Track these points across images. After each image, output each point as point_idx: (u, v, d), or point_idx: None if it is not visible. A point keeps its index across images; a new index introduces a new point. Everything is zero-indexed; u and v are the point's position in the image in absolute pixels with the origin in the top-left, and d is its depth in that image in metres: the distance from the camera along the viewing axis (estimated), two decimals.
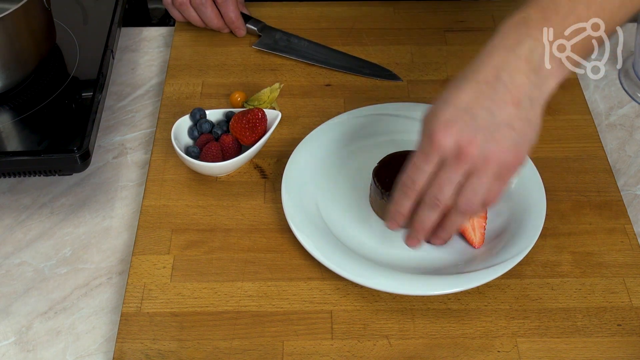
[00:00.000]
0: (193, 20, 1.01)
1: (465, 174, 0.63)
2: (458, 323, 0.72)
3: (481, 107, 0.61)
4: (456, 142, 0.62)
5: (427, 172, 0.64)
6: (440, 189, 0.64)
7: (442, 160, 0.63)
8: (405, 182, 0.66)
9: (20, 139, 0.82)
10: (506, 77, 0.61)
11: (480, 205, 0.65)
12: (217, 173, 0.84)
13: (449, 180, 0.64)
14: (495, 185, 0.64)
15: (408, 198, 0.67)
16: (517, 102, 0.61)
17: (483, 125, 0.61)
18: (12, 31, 0.80)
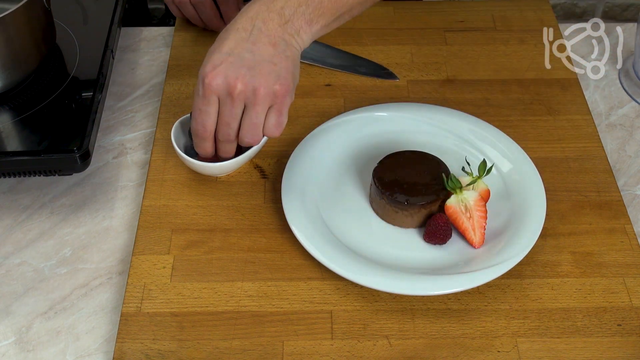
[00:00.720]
0: (191, 18, 1.01)
1: (243, 107, 0.72)
2: (458, 323, 0.72)
3: (243, 49, 0.70)
4: (225, 80, 0.70)
5: (211, 113, 0.72)
6: (228, 125, 0.73)
7: (220, 100, 0.72)
8: (197, 129, 0.74)
9: (20, 139, 0.82)
10: (260, 24, 0.71)
11: (261, 135, 0.74)
12: (217, 173, 0.84)
13: (231, 115, 0.72)
14: (272, 116, 0.73)
15: (206, 140, 0.76)
16: (274, 43, 0.71)
17: (246, 64, 0.70)
18: (12, 31, 0.80)
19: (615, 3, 1.83)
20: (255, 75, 0.70)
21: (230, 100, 0.71)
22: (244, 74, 0.70)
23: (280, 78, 0.71)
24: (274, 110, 0.72)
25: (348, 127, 0.87)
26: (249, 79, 0.70)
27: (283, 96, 0.71)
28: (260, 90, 0.70)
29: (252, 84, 0.70)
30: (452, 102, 0.93)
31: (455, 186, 0.76)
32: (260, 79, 0.70)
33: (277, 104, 0.72)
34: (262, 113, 0.72)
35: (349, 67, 0.97)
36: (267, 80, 0.70)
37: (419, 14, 1.06)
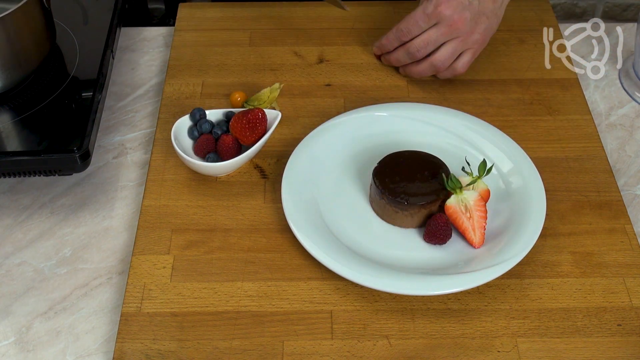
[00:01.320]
0: None
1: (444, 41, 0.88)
2: (458, 323, 0.72)
3: None
4: (452, 14, 0.85)
5: (422, 28, 0.88)
6: (425, 44, 0.88)
7: (436, 24, 0.87)
8: (402, 29, 0.89)
9: (20, 139, 0.82)
10: None
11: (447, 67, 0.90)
12: (217, 173, 0.84)
13: (435, 40, 0.88)
14: (467, 54, 0.90)
15: (398, 41, 0.91)
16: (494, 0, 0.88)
17: (472, 9, 0.86)
18: (12, 31, 0.80)
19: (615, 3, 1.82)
20: (472, 21, 0.86)
21: (444, 28, 0.86)
22: (467, 16, 0.86)
23: (485, 32, 0.89)
24: (469, 52, 0.90)
25: (348, 127, 0.87)
26: (467, 22, 0.86)
27: (479, 45, 0.90)
28: (470, 34, 0.87)
29: (468, 27, 0.86)
30: (452, 102, 0.93)
31: (455, 186, 0.76)
32: (474, 26, 0.87)
33: (473, 49, 0.90)
34: (459, 50, 0.89)
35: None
36: (478, 29, 0.87)
37: None
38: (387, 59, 0.95)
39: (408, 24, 0.88)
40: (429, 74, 0.92)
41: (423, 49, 0.88)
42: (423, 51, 0.89)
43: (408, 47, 0.89)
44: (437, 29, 0.87)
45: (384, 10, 1.07)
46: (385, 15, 1.06)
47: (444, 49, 0.88)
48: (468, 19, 0.86)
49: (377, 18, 1.05)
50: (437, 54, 0.89)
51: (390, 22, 1.04)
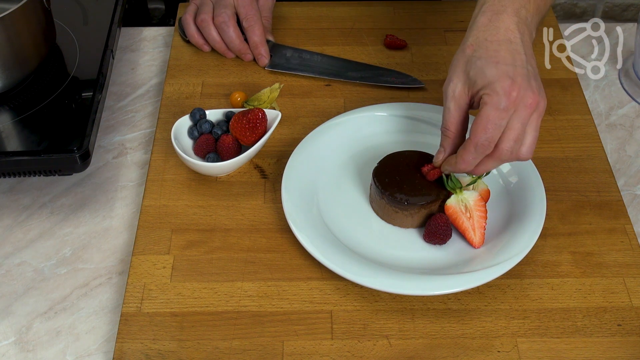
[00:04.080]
0: (212, 40, 0.96)
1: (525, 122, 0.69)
2: (458, 323, 0.72)
3: (520, 61, 0.70)
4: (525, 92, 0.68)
5: (502, 127, 0.69)
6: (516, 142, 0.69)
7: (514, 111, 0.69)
8: (482, 143, 0.70)
9: (20, 139, 0.82)
10: (525, 37, 0.72)
11: None
12: (217, 173, 0.84)
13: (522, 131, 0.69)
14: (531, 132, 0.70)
15: (483, 155, 0.71)
16: (529, 53, 0.72)
17: (532, 74, 0.70)
18: (12, 31, 0.80)
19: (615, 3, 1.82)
20: (536, 89, 0.69)
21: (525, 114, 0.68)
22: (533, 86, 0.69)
23: (540, 90, 0.70)
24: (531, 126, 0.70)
25: (348, 127, 0.87)
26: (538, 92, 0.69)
27: (543, 108, 0.70)
28: (542, 103, 0.70)
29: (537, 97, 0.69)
30: None
31: (455, 186, 0.76)
32: (537, 93, 0.69)
33: (536, 118, 0.70)
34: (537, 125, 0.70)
35: (371, 78, 0.95)
36: (542, 94, 0.70)
37: (419, 14, 1.06)
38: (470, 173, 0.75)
39: (487, 132, 0.69)
40: None
41: (515, 148, 0.70)
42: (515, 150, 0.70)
43: (500, 155, 0.70)
44: (518, 117, 0.69)
45: (384, 10, 1.07)
46: (385, 15, 1.06)
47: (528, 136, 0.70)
48: (535, 88, 0.69)
49: (377, 18, 1.05)
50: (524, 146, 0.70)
51: (390, 22, 1.05)
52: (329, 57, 0.98)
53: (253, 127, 0.82)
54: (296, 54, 0.98)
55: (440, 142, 0.75)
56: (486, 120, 0.69)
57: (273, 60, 0.98)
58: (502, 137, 0.69)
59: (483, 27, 0.73)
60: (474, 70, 0.70)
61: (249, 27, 0.96)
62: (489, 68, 0.69)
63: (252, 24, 0.95)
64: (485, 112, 0.69)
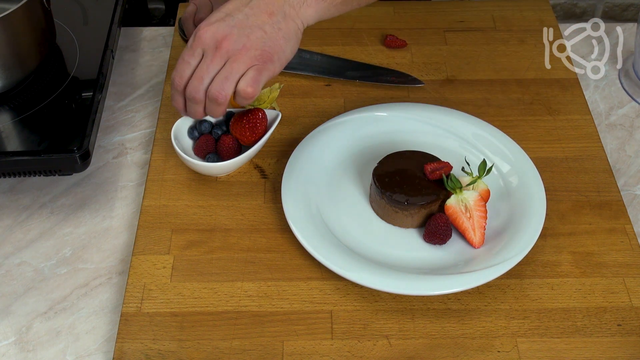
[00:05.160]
0: None
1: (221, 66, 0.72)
2: (458, 323, 0.72)
3: (240, 12, 0.73)
4: (214, 35, 0.72)
5: (192, 65, 0.73)
6: (200, 80, 0.73)
7: (204, 53, 0.72)
8: (174, 78, 0.74)
9: (20, 139, 0.82)
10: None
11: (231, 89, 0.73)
12: (217, 173, 0.84)
13: (207, 69, 0.72)
14: (250, 72, 0.72)
15: (179, 93, 0.75)
16: (271, 12, 0.73)
17: (239, 25, 0.72)
18: (12, 31, 0.80)
19: (615, 3, 1.82)
20: (243, 36, 0.72)
21: (211, 54, 0.72)
22: (234, 33, 0.72)
23: (265, 45, 0.72)
24: (253, 69, 0.72)
25: (348, 127, 0.87)
26: (236, 38, 0.72)
27: (264, 61, 0.72)
28: (243, 50, 0.72)
29: (238, 44, 0.72)
30: (452, 102, 0.93)
31: (455, 186, 0.76)
32: (246, 41, 0.72)
33: (257, 66, 0.72)
34: (237, 71, 0.72)
35: (371, 77, 0.95)
36: (252, 43, 0.72)
37: (419, 14, 1.06)
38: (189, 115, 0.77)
39: (178, 68, 0.74)
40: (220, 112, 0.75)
41: (200, 85, 0.73)
42: (201, 87, 0.73)
43: (187, 93, 0.74)
44: (206, 59, 0.72)
45: (384, 10, 1.07)
46: (385, 15, 1.06)
47: (219, 74, 0.72)
48: (234, 35, 0.72)
49: (377, 18, 1.05)
50: (211, 86, 0.73)
51: (390, 22, 1.05)
52: (329, 56, 0.98)
53: (253, 127, 0.82)
54: (296, 54, 0.98)
55: None
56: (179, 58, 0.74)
57: None
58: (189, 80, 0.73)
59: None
60: None
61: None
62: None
63: None
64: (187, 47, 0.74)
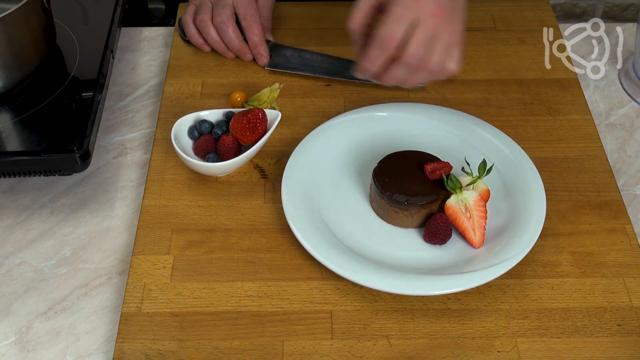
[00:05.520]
0: (211, 40, 0.96)
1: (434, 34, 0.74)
2: (458, 323, 0.72)
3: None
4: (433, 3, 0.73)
5: (403, 31, 0.73)
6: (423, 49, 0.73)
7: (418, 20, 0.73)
8: (383, 37, 0.73)
9: (20, 139, 0.82)
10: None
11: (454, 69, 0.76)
12: (217, 173, 0.84)
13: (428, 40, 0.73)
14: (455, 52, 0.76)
15: (384, 54, 0.75)
16: None
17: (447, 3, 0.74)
18: (12, 31, 0.80)
19: (615, 3, 1.83)
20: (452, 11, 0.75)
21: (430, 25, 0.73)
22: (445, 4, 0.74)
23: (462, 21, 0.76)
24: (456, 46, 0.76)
25: (348, 127, 0.87)
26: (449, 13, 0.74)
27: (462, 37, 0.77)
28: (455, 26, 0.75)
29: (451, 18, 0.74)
30: (452, 102, 0.93)
31: (455, 186, 0.76)
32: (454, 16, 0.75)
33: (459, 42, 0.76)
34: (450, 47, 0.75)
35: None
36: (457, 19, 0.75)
37: None
38: (383, 80, 0.78)
39: (387, 25, 0.73)
40: (424, 83, 0.81)
41: (422, 55, 0.74)
42: (422, 57, 0.74)
43: (406, 59, 0.74)
44: (424, 26, 0.73)
45: None
46: None
47: (438, 49, 0.74)
48: (447, 7, 0.74)
49: None
50: (434, 58, 0.74)
51: None
52: (329, 57, 0.98)
53: (253, 127, 0.82)
54: (296, 54, 0.98)
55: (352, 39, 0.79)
56: (389, 16, 0.73)
57: (273, 59, 0.98)
58: (408, 42, 0.73)
59: None
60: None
61: (248, 27, 0.96)
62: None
63: (250, 24, 0.95)
64: (389, 8, 0.73)
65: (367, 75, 0.79)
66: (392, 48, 0.74)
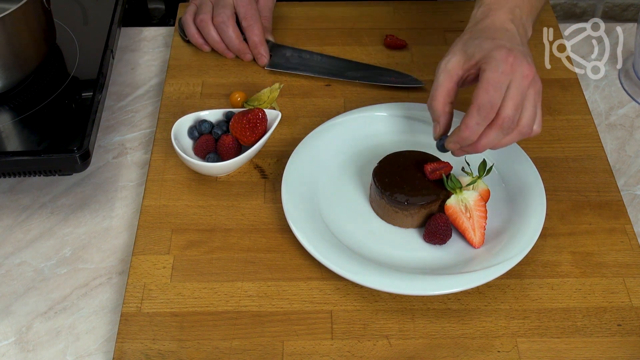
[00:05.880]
0: (212, 40, 0.96)
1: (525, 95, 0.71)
2: (458, 323, 0.72)
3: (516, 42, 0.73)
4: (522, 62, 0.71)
5: (502, 95, 0.70)
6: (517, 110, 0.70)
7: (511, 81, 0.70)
8: (484, 105, 0.70)
9: (20, 139, 0.82)
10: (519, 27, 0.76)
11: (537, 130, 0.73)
12: (217, 173, 0.84)
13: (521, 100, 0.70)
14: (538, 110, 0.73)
15: (485, 121, 0.71)
16: (525, 42, 0.75)
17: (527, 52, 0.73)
18: (12, 31, 0.80)
19: (615, 3, 1.83)
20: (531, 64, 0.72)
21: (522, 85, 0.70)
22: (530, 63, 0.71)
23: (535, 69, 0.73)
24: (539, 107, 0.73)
25: (348, 127, 0.87)
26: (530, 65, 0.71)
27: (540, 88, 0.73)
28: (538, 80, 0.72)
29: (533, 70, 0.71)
30: None
31: (455, 186, 0.76)
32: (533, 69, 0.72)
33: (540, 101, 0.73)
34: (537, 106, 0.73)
35: (371, 77, 0.95)
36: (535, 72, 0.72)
37: (418, 14, 1.06)
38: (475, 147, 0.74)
39: (488, 93, 0.70)
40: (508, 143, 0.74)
41: (516, 116, 0.71)
42: (516, 118, 0.71)
43: (502, 122, 0.70)
44: (517, 87, 0.70)
45: (384, 10, 1.07)
46: (385, 15, 1.06)
47: (528, 110, 0.71)
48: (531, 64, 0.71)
49: (377, 18, 1.05)
50: (524, 119, 0.71)
51: (391, 22, 1.05)
52: (329, 57, 0.98)
53: (253, 127, 0.82)
54: (296, 54, 0.98)
55: (432, 118, 0.76)
56: (486, 83, 0.70)
57: (273, 60, 0.98)
58: (502, 105, 0.70)
59: (480, 20, 0.76)
60: (472, 47, 0.73)
61: (248, 27, 0.96)
62: (486, 43, 0.72)
63: (251, 24, 0.95)
64: (485, 76, 0.70)
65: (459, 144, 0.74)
66: (493, 115, 0.70)
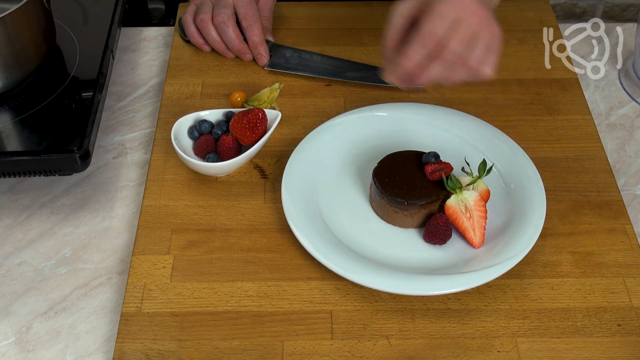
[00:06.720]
0: (212, 40, 0.97)
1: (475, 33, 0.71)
2: (458, 323, 0.72)
3: None
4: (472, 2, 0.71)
5: (447, 25, 0.70)
6: (464, 45, 0.70)
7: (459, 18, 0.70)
8: (425, 33, 0.70)
9: (20, 139, 0.82)
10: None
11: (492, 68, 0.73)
12: (217, 173, 0.84)
13: (469, 37, 0.70)
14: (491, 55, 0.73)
15: (426, 48, 0.71)
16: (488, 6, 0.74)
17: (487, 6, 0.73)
18: (12, 31, 0.80)
19: (615, 3, 1.82)
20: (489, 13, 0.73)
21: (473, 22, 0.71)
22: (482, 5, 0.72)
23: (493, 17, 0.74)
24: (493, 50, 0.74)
25: (348, 127, 0.87)
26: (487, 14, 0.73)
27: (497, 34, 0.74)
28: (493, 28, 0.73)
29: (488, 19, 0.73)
30: (452, 102, 0.93)
31: (455, 186, 0.76)
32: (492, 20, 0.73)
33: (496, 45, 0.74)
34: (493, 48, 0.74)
35: (371, 77, 0.95)
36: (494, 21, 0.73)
37: None
38: (418, 79, 0.73)
39: (430, 22, 0.70)
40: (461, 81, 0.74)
41: (462, 52, 0.71)
42: (462, 54, 0.71)
43: (445, 55, 0.70)
44: (466, 24, 0.70)
45: (384, 10, 1.06)
46: (385, 15, 1.06)
47: (478, 48, 0.71)
48: (488, 10, 0.72)
49: (377, 18, 1.05)
50: (473, 55, 0.71)
51: None
52: (329, 57, 0.98)
53: (253, 127, 0.82)
54: (296, 54, 0.98)
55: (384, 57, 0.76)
56: (430, 13, 0.70)
57: (273, 60, 0.98)
58: (450, 37, 0.70)
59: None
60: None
61: (248, 27, 0.96)
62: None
63: (251, 24, 0.95)
64: (431, 8, 0.70)
65: (399, 76, 0.74)
66: (433, 44, 0.70)
